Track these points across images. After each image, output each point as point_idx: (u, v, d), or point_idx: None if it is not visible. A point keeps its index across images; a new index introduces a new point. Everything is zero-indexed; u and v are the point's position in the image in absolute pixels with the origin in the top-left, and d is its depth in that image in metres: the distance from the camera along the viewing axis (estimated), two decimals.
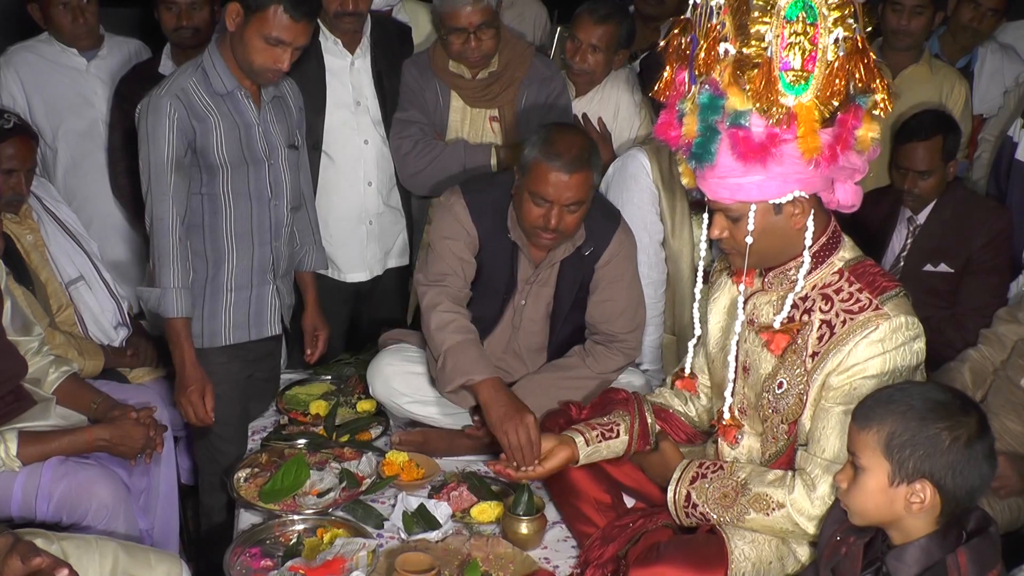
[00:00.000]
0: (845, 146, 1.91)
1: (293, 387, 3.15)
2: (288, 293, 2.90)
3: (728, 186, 1.98)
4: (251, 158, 2.67)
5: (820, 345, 2.05)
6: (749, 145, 1.89)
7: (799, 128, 1.86)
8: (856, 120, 1.91)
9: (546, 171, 2.48)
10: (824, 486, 2.01)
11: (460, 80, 3.17)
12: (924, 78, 3.66)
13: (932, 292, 3.22)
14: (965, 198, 3.26)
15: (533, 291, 2.76)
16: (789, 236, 2.05)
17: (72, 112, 3.45)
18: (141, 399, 2.84)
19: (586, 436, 2.38)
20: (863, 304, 2.02)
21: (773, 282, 2.15)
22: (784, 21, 1.82)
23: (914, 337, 2.01)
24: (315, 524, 2.42)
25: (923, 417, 1.67)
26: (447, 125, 3.21)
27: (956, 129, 3.22)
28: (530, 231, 2.60)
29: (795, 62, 1.83)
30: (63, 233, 3.10)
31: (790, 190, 1.97)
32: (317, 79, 3.14)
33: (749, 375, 2.19)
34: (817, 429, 2.05)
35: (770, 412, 2.15)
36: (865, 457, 1.72)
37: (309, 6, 2.56)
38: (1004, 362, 2.75)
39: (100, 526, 2.49)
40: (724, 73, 1.89)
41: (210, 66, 2.61)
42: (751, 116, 1.88)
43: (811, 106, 1.86)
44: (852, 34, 1.84)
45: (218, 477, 2.79)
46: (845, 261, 2.10)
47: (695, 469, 2.21)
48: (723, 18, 1.89)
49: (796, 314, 2.10)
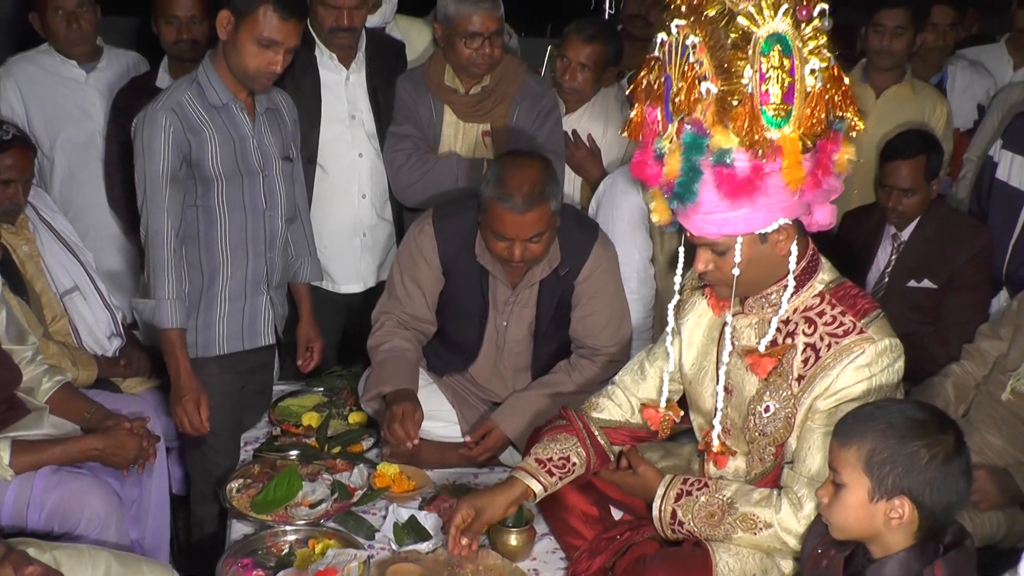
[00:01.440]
0: (826, 171, 1.93)
1: (285, 398, 3.16)
2: (282, 304, 2.93)
3: (714, 221, 1.97)
4: (246, 170, 2.70)
5: (806, 369, 2.06)
6: (734, 182, 1.89)
7: (784, 160, 1.87)
8: (834, 145, 1.94)
9: (501, 212, 2.50)
10: (810, 504, 2.04)
11: (454, 95, 3.20)
12: (907, 98, 3.73)
13: (916, 308, 3.26)
14: (948, 216, 3.31)
15: (514, 312, 2.78)
16: (774, 263, 2.06)
17: (70, 123, 3.47)
18: (134, 409, 2.87)
19: (544, 482, 2.29)
20: (847, 327, 2.04)
21: (754, 305, 2.14)
22: (761, 56, 1.82)
23: (897, 357, 2.04)
24: (307, 535, 2.43)
25: (902, 435, 1.72)
26: (440, 139, 3.23)
27: (939, 148, 3.28)
28: (501, 262, 2.64)
29: (775, 96, 1.83)
30: (59, 243, 3.11)
31: (775, 219, 1.98)
32: (313, 93, 3.18)
33: (733, 397, 2.20)
34: (803, 449, 2.07)
35: (757, 435, 2.16)
36: (846, 474, 1.76)
37: (297, 4, 2.59)
38: (986, 377, 2.78)
39: (92, 536, 2.49)
40: (707, 112, 1.88)
41: (205, 79, 2.64)
42: (735, 153, 1.88)
43: (795, 137, 1.86)
44: (827, 63, 1.86)
45: (210, 487, 2.81)
46: (825, 284, 2.11)
47: (680, 486, 2.22)
48: (700, 56, 1.88)
49: (779, 337, 2.11)
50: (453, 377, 2.93)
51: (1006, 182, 3.33)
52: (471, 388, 2.91)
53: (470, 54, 3.09)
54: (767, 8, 1.82)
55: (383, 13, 3.55)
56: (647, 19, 4.10)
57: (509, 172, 2.52)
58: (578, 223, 2.81)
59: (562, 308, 2.80)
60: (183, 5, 3.31)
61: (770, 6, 1.82)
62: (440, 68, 3.20)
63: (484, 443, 2.78)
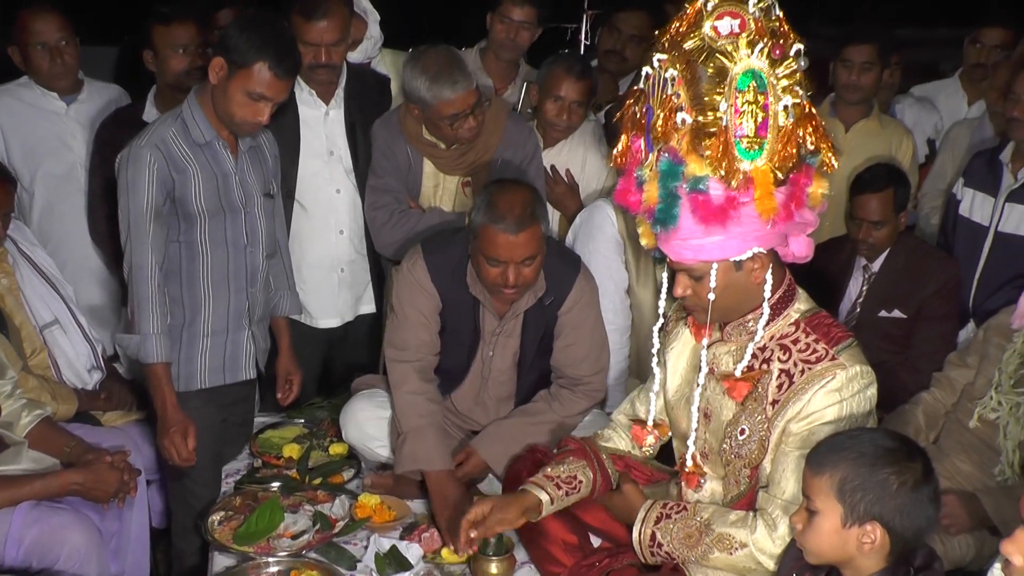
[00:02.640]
0: (799, 204, 2.00)
1: (266, 431, 3.17)
2: (263, 338, 2.94)
3: (691, 247, 2.05)
4: (228, 206, 2.71)
5: (780, 393, 2.12)
6: (709, 208, 1.96)
7: (756, 191, 1.94)
8: (807, 179, 2.01)
9: (494, 234, 2.52)
10: (784, 526, 2.09)
11: (435, 150, 3.17)
12: (875, 132, 3.83)
13: (887, 337, 3.33)
14: (916, 247, 3.39)
15: (500, 342, 2.81)
16: (749, 290, 2.13)
17: (50, 156, 3.46)
18: (114, 442, 2.87)
19: (551, 494, 2.37)
20: (820, 355, 2.10)
21: (732, 333, 2.22)
22: (736, 91, 1.89)
23: (868, 385, 2.10)
24: (289, 566, 2.45)
25: (873, 463, 1.78)
26: (420, 190, 3.22)
27: (906, 181, 3.37)
28: (492, 289, 2.65)
29: (749, 129, 1.90)
30: (38, 277, 3.11)
31: (749, 247, 2.05)
32: (292, 129, 3.20)
33: (711, 421, 2.26)
34: (777, 472, 2.13)
35: (732, 457, 2.22)
36: (819, 501, 1.82)
37: (293, 63, 2.61)
38: (955, 405, 2.85)
39: (72, 571, 2.49)
40: (682, 141, 1.96)
41: (189, 116, 2.65)
42: (710, 181, 1.96)
43: (766, 170, 1.93)
44: (800, 100, 1.93)
45: (191, 520, 2.81)
46: (801, 313, 2.18)
47: (659, 509, 2.27)
48: (677, 89, 1.96)
49: (756, 363, 2.17)
50: None
51: (968, 218, 3.43)
52: (451, 417, 2.93)
53: (455, 132, 3.05)
54: (744, 46, 1.90)
55: (365, 49, 3.56)
56: (622, 54, 4.15)
57: (499, 196, 2.54)
58: (561, 255, 2.84)
59: (546, 338, 2.83)
60: (187, 34, 3.33)
61: (747, 44, 1.90)
62: (417, 125, 3.13)
63: (463, 468, 2.79)
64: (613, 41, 4.21)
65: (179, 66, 3.34)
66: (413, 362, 2.77)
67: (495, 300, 2.73)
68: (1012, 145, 3.34)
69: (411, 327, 2.77)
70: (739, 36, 1.90)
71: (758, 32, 1.91)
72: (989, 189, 3.37)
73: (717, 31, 1.92)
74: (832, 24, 9.45)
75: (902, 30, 4.77)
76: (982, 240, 3.34)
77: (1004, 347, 2.69)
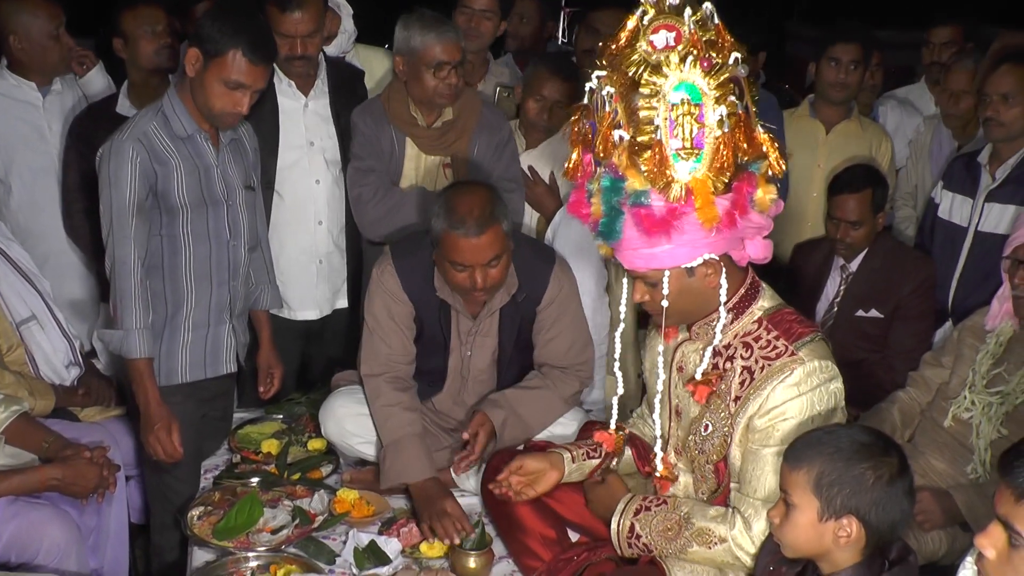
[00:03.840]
0: (743, 211, 2.03)
1: (245, 426, 3.16)
2: (244, 332, 2.94)
3: (641, 256, 2.09)
4: (210, 200, 2.71)
5: (742, 390, 2.16)
6: (652, 221, 2.00)
7: (696, 200, 1.97)
8: (750, 186, 2.04)
9: (456, 239, 2.53)
10: (758, 525, 2.13)
11: (416, 128, 3.22)
12: (855, 133, 3.87)
13: (864, 336, 3.37)
14: (893, 248, 3.44)
15: (478, 342, 2.82)
16: (705, 294, 2.17)
17: (26, 148, 3.43)
18: (93, 438, 2.85)
19: (573, 453, 2.46)
20: (780, 351, 2.14)
21: (699, 332, 2.26)
22: (669, 105, 1.93)
23: (829, 379, 2.13)
24: (268, 561, 2.45)
25: (849, 458, 1.81)
26: (402, 172, 3.26)
27: (884, 183, 3.42)
28: (462, 293, 2.67)
29: (685, 141, 1.94)
30: (15, 272, 3.07)
31: (699, 254, 2.09)
32: (271, 120, 3.21)
33: (681, 418, 2.32)
34: (747, 471, 2.16)
35: (696, 453, 2.27)
36: (796, 495, 1.85)
37: (267, 50, 2.61)
38: (929, 404, 2.88)
39: (51, 566, 2.48)
40: (622, 157, 2.00)
41: (170, 110, 2.65)
42: (651, 194, 1.99)
43: (705, 179, 1.97)
44: (735, 109, 1.96)
45: (170, 516, 2.80)
46: (764, 310, 2.22)
47: (639, 502, 2.30)
48: (615, 105, 2.00)
49: (720, 361, 2.21)
50: None
51: (948, 219, 3.46)
52: (431, 416, 2.94)
53: (436, 84, 3.11)
54: (676, 59, 1.93)
55: (339, 43, 3.59)
56: None
57: (456, 200, 2.55)
58: (534, 250, 2.85)
59: (523, 334, 2.84)
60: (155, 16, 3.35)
61: (680, 57, 1.93)
62: (401, 102, 3.22)
63: (480, 439, 2.76)
64: (591, 40, 4.18)
65: (149, 47, 3.34)
66: (385, 374, 2.78)
67: (466, 303, 2.74)
68: (989, 147, 3.38)
69: (382, 337, 2.79)
70: (673, 49, 1.93)
71: (693, 44, 1.94)
72: (968, 191, 3.40)
73: (653, 45, 1.95)
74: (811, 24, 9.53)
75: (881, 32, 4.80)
76: (961, 240, 3.38)
77: (978, 348, 2.74)
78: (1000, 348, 2.68)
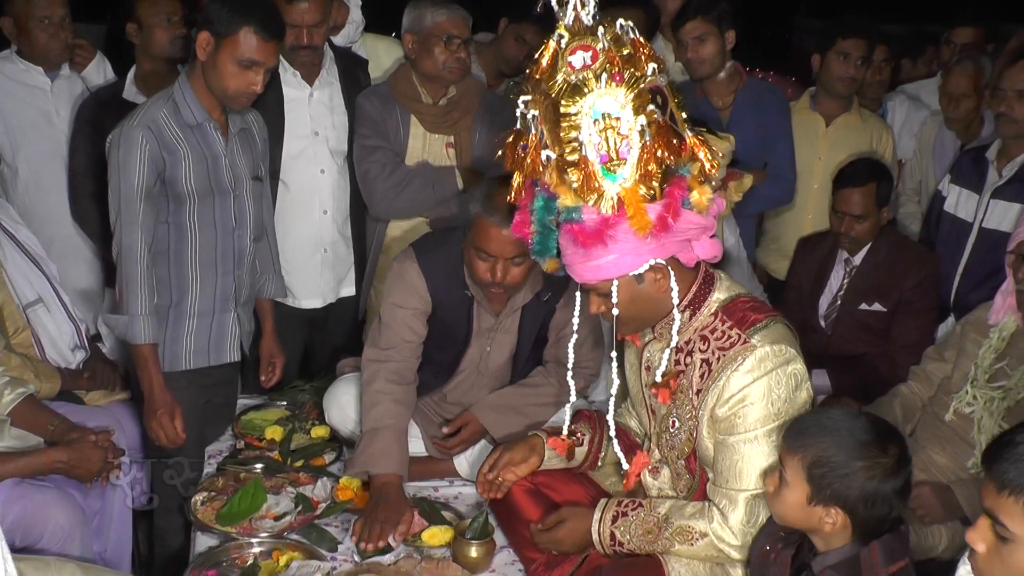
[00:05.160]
0: (676, 215, 2.04)
1: (249, 412, 3.18)
2: (248, 320, 2.95)
3: (588, 268, 2.12)
4: (218, 189, 2.72)
5: (702, 382, 2.19)
6: (586, 234, 2.04)
7: (628, 209, 2.00)
8: (681, 190, 2.05)
9: (487, 226, 2.54)
10: (735, 515, 2.15)
11: (422, 106, 3.29)
12: (856, 126, 3.86)
13: (867, 329, 3.38)
14: (897, 242, 3.44)
15: (497, 339, 2.83)
16: (658, 298, 2.19)
17: (34, 131, 3.44)
18: (98, 422, 2.85)
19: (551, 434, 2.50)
20: (733, 340, 2.16)
21: (662, 332, 2.28)
22: (591, 121, 1.96)
23: (785, 362, 2.13)
24: (271, 547, 2.47)
25: (845, 453, 1.84)
26: (407, 151, 3.30)
27: (888, 176, 3.42)
28: (480, 286, 2.67)
29: (609, 153, 1.97)
30: (22, 255, 3.09)
31: (644, 261, 2.11)
32: (276, 109, 3.21)
33: (656, 414, 2.36)
34: (719, 461, 2.18)
35: (668, 450, 2.31)
36: (789, 474, 1.90)
37: (277, 25, 2.63)
38: (931, 398, 2.89)
39: (55, 549, 2.48)
40: (552, 175, 2.04)
41: (181, 98, 2.65)
42: (583, 209, 2.03)
43: (634, 188, 2.00)
44: (654, 118, 1.98)
45: (174, 500, 2.82)
46: (720, 302, 2.23)
47: (615, 508, 2.31)
48: (541, 127, 2.04)
49: (681, 357, 2.24)
50: (421, 397, 2.94)
51: (954, 214, 3.46)
52: (435, 407, 2.95)
53: (446, 58, 3.19)
54: (594, 78, 1.96)
55: (347, 33, 3.61)
56: None
57: (498, 189, 2.54)
58: None
59: (543, 332, 2.87)
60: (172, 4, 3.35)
61: (595, 75, 1.96)
62: (408, 80, 3.30)
63: (460, 435, 2.83)
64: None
65: (164, 36, 3.35)
66: (388, 362, 2.78)
67: (488, 298, 2.73)
68: (998, 142, 3.38)
69: (395, 328, 2.78)
70: (590, 68, 1.96)
71: (610, 60, 1.96)
72: (974, 186, 3.40)
73: (572, 66, 1.98)
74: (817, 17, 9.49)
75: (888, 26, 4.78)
76: (966, 236, 3.38)
77: (980, 343, 2.74)
78: (1003, 343, 2.69)
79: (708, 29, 3.55)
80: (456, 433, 2.86)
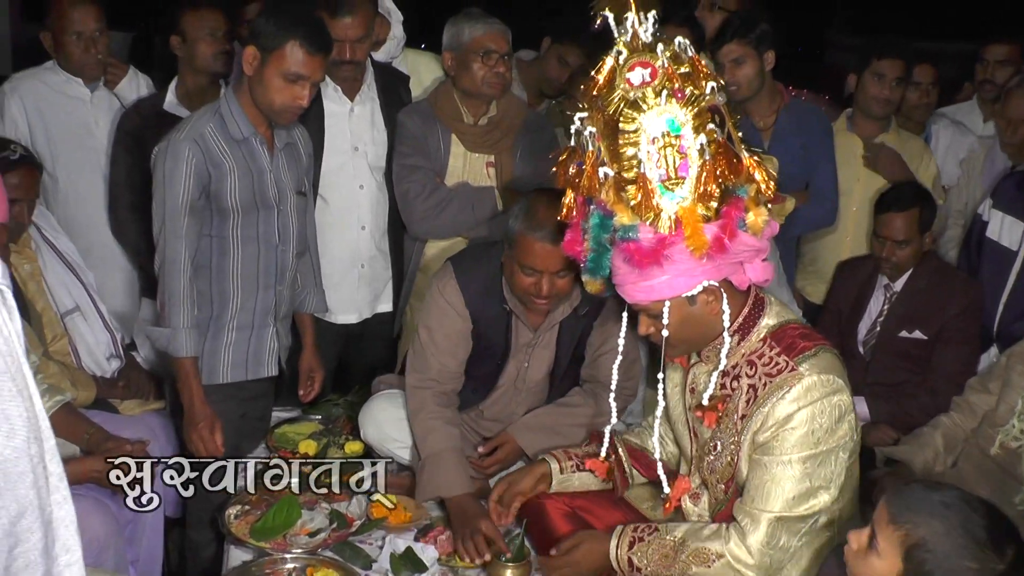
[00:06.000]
0: (732, 235, 2.03)
1: (282, 425, 3.18)
2: (286, 335, 2.95)
3: (641, 289, 2.11)
4: (262, 204, 2.72)
5: (747, 408, 2.18)
6: (642, 253, 2.02)
7: (685, 229, 1.99)
8: (738, 211, 2.04)
9: (531, 243, 2.52)
10: (756, 535, 2.13)
11: (463, 125, 3.27)
12: (894, 145, 3.81)
13: (907, 357, 3.33)
14: (940, 268, 3.39)
15: (535, 354, 2.82)
16: (708, 321, 2.18)
17: (74, 141, 3.47)
18: (134, 431, 2.87)
19: (561, 464, 2.53)
20: (780, 367, 2.15)
21: (709, 355, 2.26)
22: (650, 138, 1.96)
23: (831, 392, 2.11)
24: (305, 563, 2.44)
25: (957, 547, 1.65)
26: (447, 170, 3.29)
27: (932, 201, 3.37)
28: (524, 299, 2.65)
29: (669, 171, 1.97)
30: (61, 263, 3.12)
31: (698, 282, 2.10)
32: (316, 124, 3.21)
33: (699, 437, 2.34)
34: (749, 480, 2.17)
35: (708, 473, 2.30)
36: (883, 545, 1.72)
37: (324, 39, 2.63)
38: (974, 430, 2.85)
39: (90, 560, 2.43)
40: (609, 193, 2.04)
41: (227, 112, 2.66)
42: (639, 228, 2.02)
43: (692, 208, 1.99)
44: (714, 137, 1.97)
45: (207, 513, 2.80)
46: (769, 328, 2.22)
47: (631, 534, 2.31)
48: (598, 144, 2.04)
49: (727, 381, 2.23)
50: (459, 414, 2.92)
51: (997, 241, 3.39)
52: (472, 424, 2.93)
53: (485, 73, 3.17)
54: (653, 94, 1.95)
55: (388, 49, 3.60)
56: None
57: (538, 205, 2.53)
58: None
59: (580, 348, 2.85)
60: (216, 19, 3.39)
61: (656, 92, 1.95)
62: (449, 99, 3.28)
63: (496, 455, 2.81)
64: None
65: (209, 51, 3.38)
66: (433, 388, 2.77)
67: (528, 312, 2.73)
68: None
69: (437, 353, 2.76)
70: (649, 85, 1.96)
71: (669, 77, 1.96)
72: (1018, 212, 3.33)
73: (630, 82, 1.98)
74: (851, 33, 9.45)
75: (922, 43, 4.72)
76: (1010, 264, 3.32)
77: None
78: None
79: (745, 51, 3.51)
80: (492, 453, 2.84)
